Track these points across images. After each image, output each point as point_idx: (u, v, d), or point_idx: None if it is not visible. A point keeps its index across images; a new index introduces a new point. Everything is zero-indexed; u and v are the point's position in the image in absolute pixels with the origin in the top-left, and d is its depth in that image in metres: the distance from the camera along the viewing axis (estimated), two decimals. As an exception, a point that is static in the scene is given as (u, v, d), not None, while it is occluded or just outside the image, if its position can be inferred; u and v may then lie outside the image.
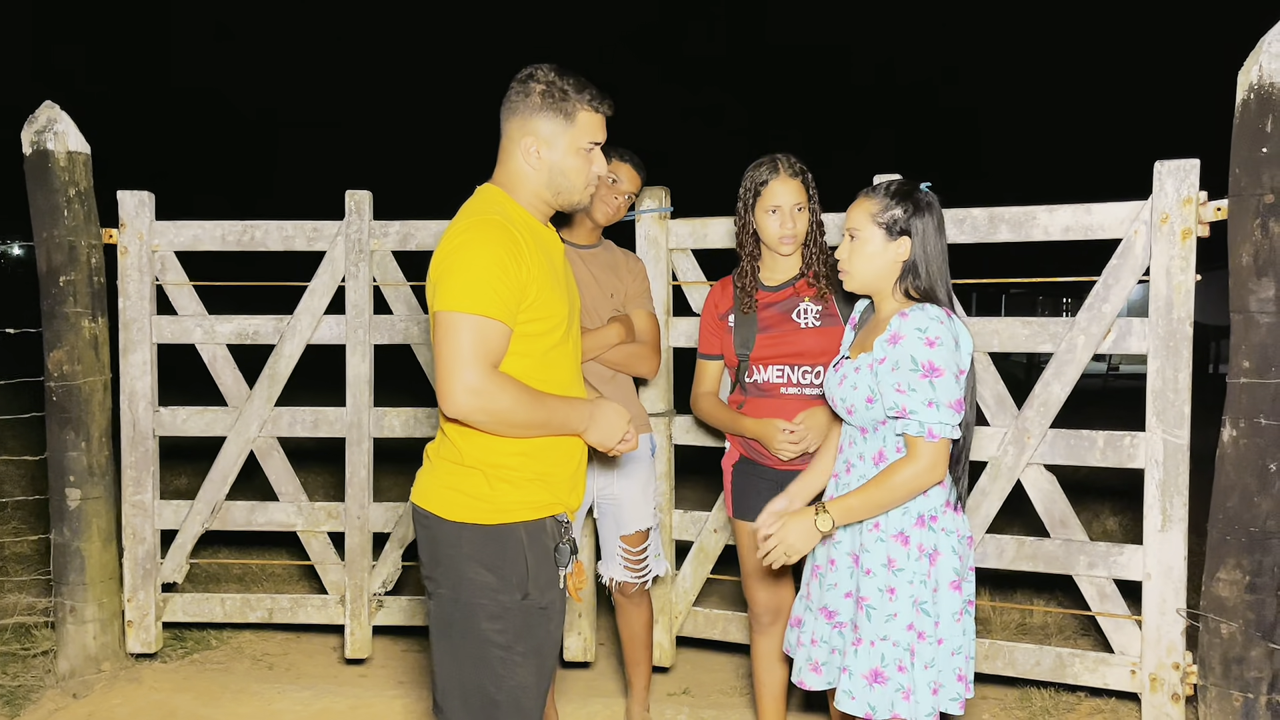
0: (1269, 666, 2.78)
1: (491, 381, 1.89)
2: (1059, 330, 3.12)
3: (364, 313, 3.68)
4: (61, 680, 3.56)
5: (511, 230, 1.96)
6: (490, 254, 1.91)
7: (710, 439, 3.49)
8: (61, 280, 3.53)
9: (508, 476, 1.99)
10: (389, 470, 5.77)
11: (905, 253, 2.25)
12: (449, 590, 1.99)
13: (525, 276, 1.95)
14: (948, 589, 2.23)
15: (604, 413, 2.08)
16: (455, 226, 1.97)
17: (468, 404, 1.88)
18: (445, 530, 2.00)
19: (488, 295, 1.89)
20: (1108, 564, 3.09)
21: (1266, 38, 2.71)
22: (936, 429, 2.14)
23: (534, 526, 2.01)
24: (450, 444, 2.02)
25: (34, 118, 3.52)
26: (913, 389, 2.15)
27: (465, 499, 1.98)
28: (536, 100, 2.02)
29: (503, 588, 1.97)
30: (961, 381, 2.20)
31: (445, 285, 1.91)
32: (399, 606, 3.76)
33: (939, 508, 2.24)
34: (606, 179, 3.03)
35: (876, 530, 2.25)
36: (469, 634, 1.97)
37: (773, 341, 2.80)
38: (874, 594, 2.24)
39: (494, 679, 1.97)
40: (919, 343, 2.15)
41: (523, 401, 1.93)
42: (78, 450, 3.56)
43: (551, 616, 2.04)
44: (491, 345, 1.91)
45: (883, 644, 2.22)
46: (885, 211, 2.25)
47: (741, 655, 3.82)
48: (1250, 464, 2.75)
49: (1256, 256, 2.73)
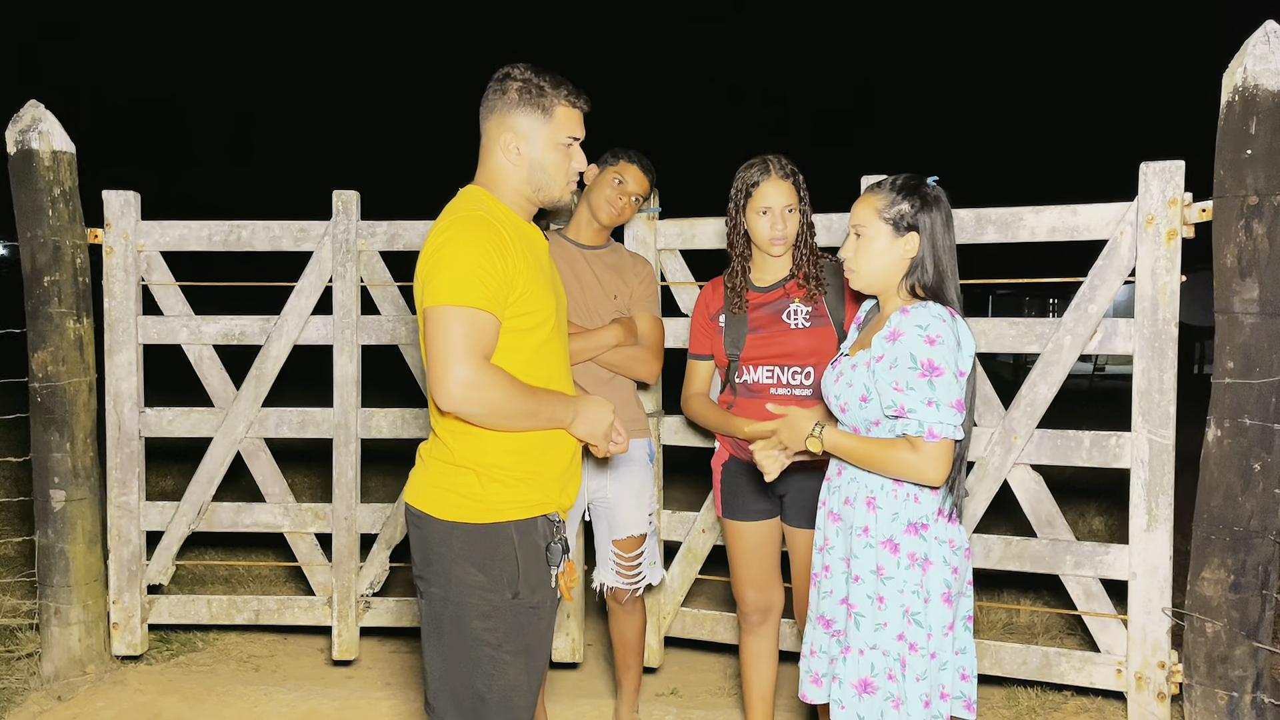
0: (1253, 665, 2.80)
1: (484, 373, 1.90)
2: (1045, 331, 3.14)
3: (351, 313, 3.67)
4: (46, 683, 3.54)
5: (495, 225, 1.97)
6: (475, 248, 1.92)
7: (698, 440, 3.49)
8: (46, 280, 3.51)
9: (499, 476, 1.99)
10: (376, 471, 5.76)
11: (913, 249, 2.21)
12: (439, 589, 2.00)
13: (511, 270, 1.96)
14: (940, 601, 2.17)
15: (589, 406, 2.10)
16: (439, 225, 1.99)
17: (461, 396, 1.89)
18: (436, 529, 2.00)
19: (475, 287, 1.90)
20: (1094, 563, 3.10)
21: (1251, 40, 2.73)
22: (937, 428, 2.09)
23: (525, 526, 2.02)
24: (441, 444, 2.02)
25: (18, 117, 3.50)
26: (911, 388, 2.10)
27: (456, 498, 1.99)
28: (514, 97, 2.04)
29: (492, 587, 1.98)
30: (962, 382, 2.15)
31: (433, 282, 1.92)
32: (386, 608, 3.75)
33: (930, 515, 2.19)
34: (612, 180, 3.04)
35: (865, 536, 2.22)
36: (459, 633, 1.98)
37: (762, 342, 2.81)
38: (863, 601, 2.21)
39: (484, 678, 1.98)
40: (919, 340, 2.10)
41: (514, 393, 1.94)
42: (62, 451, 3.54)
43: (542, 616, 2.05)
44: (482, 337, 1.92)
45: (872, 653, 2.19)
46: (891, 207, 2.21)
47: (729, 655, 3.83)
48: (1234, 464, 2.77)
49: (1240, 257, 2.75)
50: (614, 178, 3.04)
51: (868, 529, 2.22)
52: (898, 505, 2.20)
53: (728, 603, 4.45)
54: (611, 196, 3.03)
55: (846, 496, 2.29)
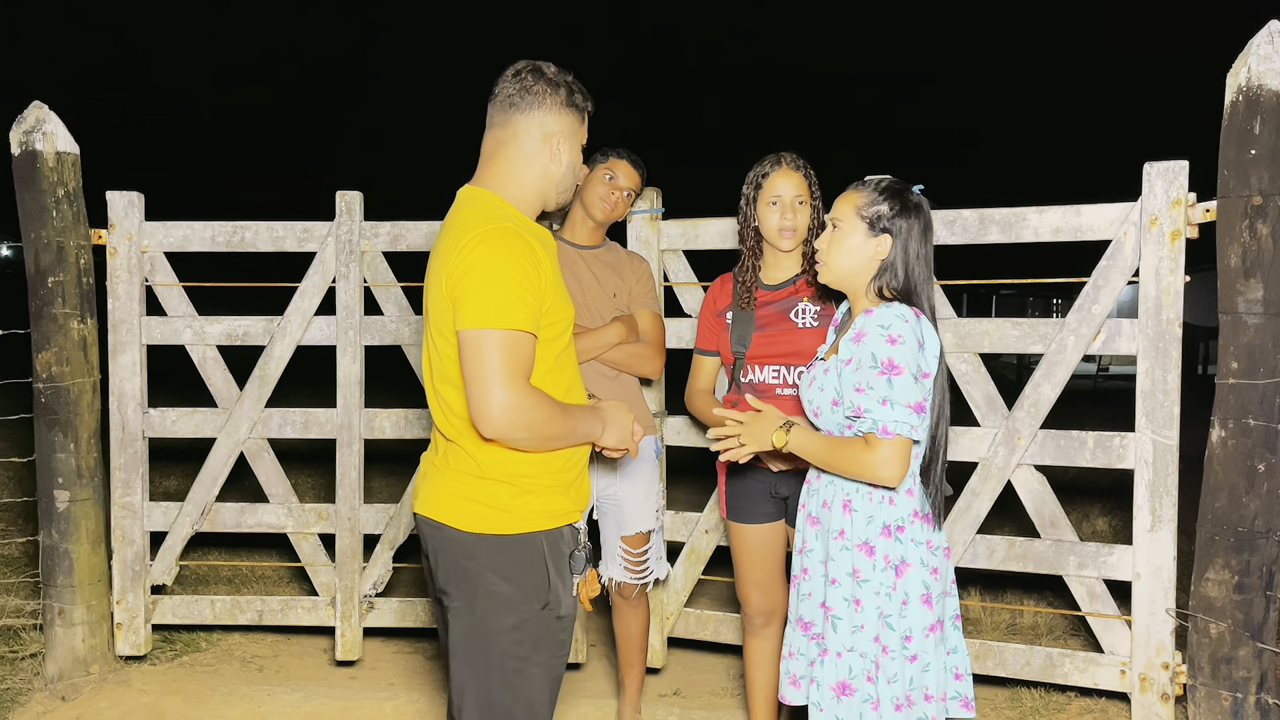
0: (1257, 666, 2.79)
1: (527, 397, 1.84)
2: (1049, 331, 3.13)
3: (354, 314, 3.67)
4: (50, 683, 3.54)
5: (526, 237, 1.91)
6: (514, 265, 1.85)
7: (701, 440, 3.49)
8: (50, 281, 3.51)
9: (530, 487, 1.95)
10: (380, 471, 5.77)
11: (884, 251, 2.21)
12: (464, 603, 1.95)
13: (544, 283, 1.91)
14: (919, 603, 2.17)
15: (613, 414, 2.07)
16: (468, 239, 1.87)
17: (507, 423, 1.83)
18: (460, 542, 1.94)
19: (517, 308, 1.84)
20: (1097, 564, 3.10)
21: (1255, 40, 2.73)
22: (891, 426, 2.08)
23: (553, 535, 1.98)
24: (464, 455, 1.95)
25: (22, 118, 3.50)
26: (870, 387, 2.10)
27: (486, 510, 1.93)
28: (562, 97, 2.00)
29: (521, 598, 1.93)
30: (924, 384, 2.14)
31: (469, 302, 1.84)
32: (390, 608, 3.75)
33: (906, 518, 2.19)
34: (604, 177, 3.05)
35: (841, 539, 2.22)
36: (486, 648, 1.93)
37: (769, 340, 2.80)
38: (839, 604, 2.21)
39: (511, 692, 1.94)
40: (880, 339, 2.11)
41: (555, 415, 1.89)
42: (66, 452, 3.55)
43: (567, 625, 2.01)
44: (524, 359, 1.86)
45: (849, 655, 2.19)
46: (871, 206, 2.22)
47: (732, 656, 3.83)
48: (1238, 464, 2.77)
49: (1244, 258, 2.74)
50: (605, 174, 3.05)
51: (843, 532, 2.22)
52: (873, 508, 2.20)
53: (730, 603, 4.45)
54: (604, 193, 3.04)
55: (825, 500, 2.29)
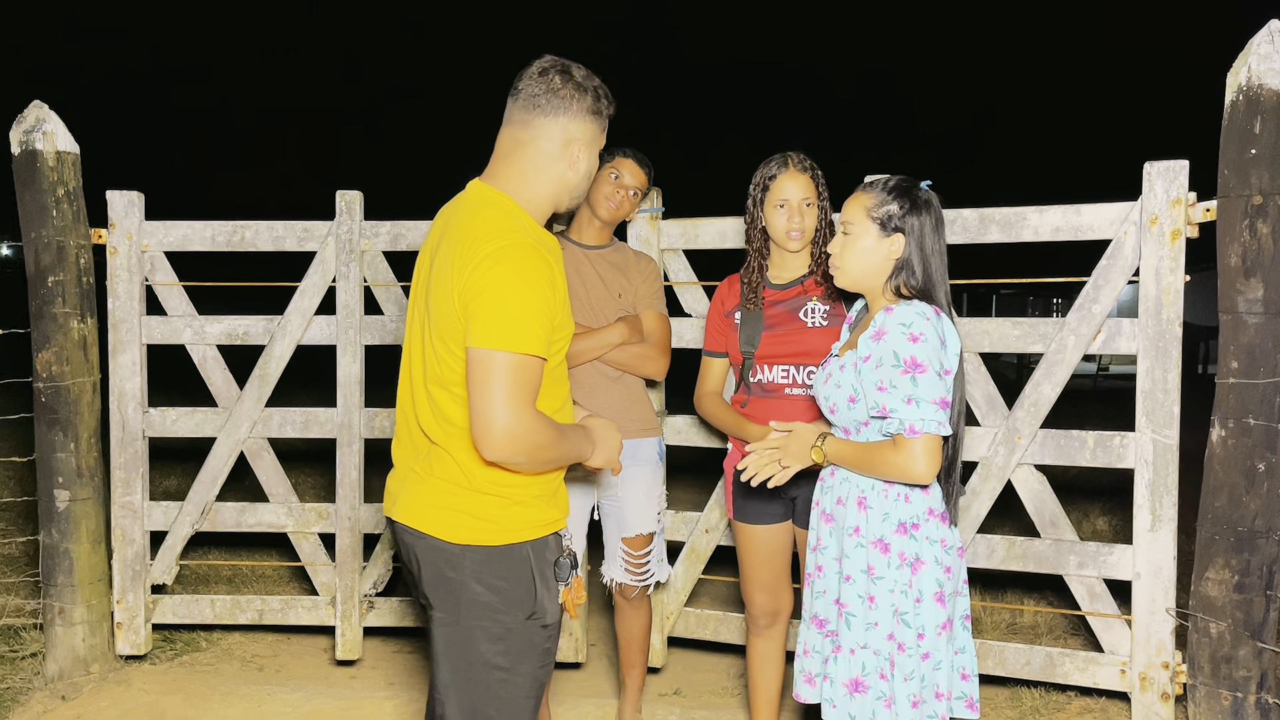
0: (1257, 665, 2.79)
1: (531, 423, 1.82)
2: (1049, 331, 3.13)
3: (355, 313, 3.67)
4: (50, 682, 3.54)
5: (544, 253, 1.86)
6: (532, 288, 1.80)
7: (700, 440, 3.49)
8: (50, 280, 3.51)
9: (518, 497, 1.93)
10: (380, 471, 5.75)
11: (899, 250, 2.21)
12: (447, 613, 1.93)
13: (558, 303, 1.88)
14: (932, 600, 2.17)
15: (602, 434, 2.05)
16: (484, 250, 1.82)
17: (509, 448, 1.81)
18: (444, 552, 1.92)
19: (532, 332, 1.80)
20: (1097, 564, 3.10)
21: (1255, 39, 2.73)
22: (918, 424, 2.08)
23: (539, 544, 1.96)
24: (452, 463, 1.92)
25: (22, 117, 3.50)
26: (894, 385, 2.10)
27: (473, 521, 1.91)
28: (588, 103, 1.95)
29: (505, 608, 1.91)
30: (947, 381, 2.14)
31: (484, 321, 1.79)
32: (390, 608, 3.75)
33: (921, 515, 2.19)
34: (609, 176, 3.04)
35: (856, 536, 2.22)
36: (470, 658, 1.92)
37: (778, 339, 2.79)
38: (854, 601, 2.21)
39: (495, 701, 1.93)
40: (902, 338, 2.10)
41: (555, 439, 1.88)
42: (66, 451, 3.55)
43: (552, 634, 2.00)
44: (531, 384, 1.83)
45: (863, 652, 2.19)
46: (880, 207, 2.22)
47: (733, 656, 3.83)
48: (1239, 464, 2.77)
49: (1245, 257, 2.74)
50: (611, 173, 3.04)
51: (859, 529, 2.22)
52: (888, 505, 2.20)
53: (731, 603, 4.45)
54: (609, 192, 3.03)
55: (839, 496, 2.29)
